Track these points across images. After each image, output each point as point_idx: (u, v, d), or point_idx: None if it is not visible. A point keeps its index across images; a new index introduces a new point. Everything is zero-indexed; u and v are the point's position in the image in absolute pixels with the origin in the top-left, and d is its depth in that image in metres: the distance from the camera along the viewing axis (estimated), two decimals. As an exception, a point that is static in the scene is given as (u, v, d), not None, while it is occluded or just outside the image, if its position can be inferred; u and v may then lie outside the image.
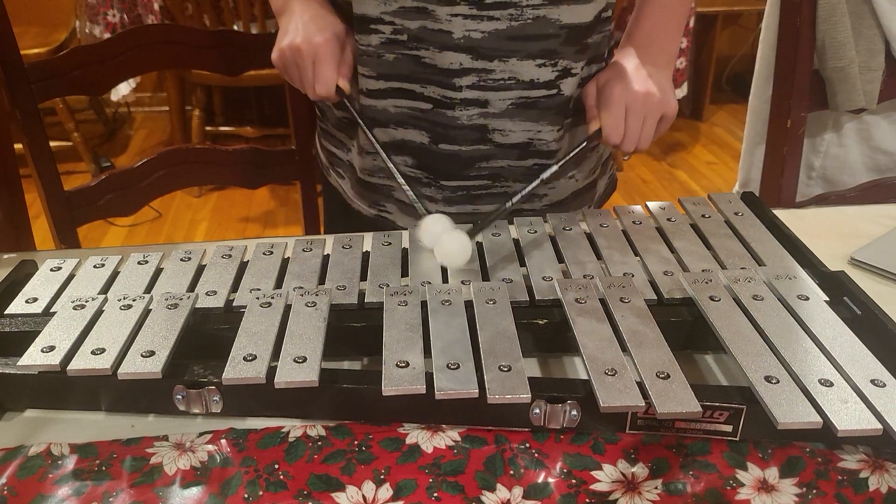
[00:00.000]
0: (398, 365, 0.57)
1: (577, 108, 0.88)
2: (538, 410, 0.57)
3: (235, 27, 2.44)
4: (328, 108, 0.97)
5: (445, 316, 0.63)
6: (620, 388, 0.54)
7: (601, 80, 0.83)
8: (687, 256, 0.74)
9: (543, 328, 0.65)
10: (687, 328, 0.65)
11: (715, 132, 3.39)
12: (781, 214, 0.82)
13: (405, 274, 0.72)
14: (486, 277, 0.72)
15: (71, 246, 1.09)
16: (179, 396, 0.59)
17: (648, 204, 0.83)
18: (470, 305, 0.64)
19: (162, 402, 0.60)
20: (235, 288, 0.70)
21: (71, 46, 1.08)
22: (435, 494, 0.53)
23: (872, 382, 0.55)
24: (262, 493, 0.53)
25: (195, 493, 0.54)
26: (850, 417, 0.52)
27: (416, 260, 0.74)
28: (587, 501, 0.53)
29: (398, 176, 0.82)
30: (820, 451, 0.56)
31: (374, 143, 0.83)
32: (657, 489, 0.54)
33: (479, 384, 0.55)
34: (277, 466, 0.56)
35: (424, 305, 0.64)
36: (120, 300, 0.65)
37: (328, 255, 0.75)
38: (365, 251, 0.75)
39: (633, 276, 0.70)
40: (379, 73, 0.84)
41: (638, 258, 0.74)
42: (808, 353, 0.58)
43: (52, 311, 0.67)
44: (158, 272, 0.73)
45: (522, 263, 0.74)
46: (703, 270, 0.71)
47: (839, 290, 0.68)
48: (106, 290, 0.70)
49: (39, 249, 0.92)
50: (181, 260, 0.74)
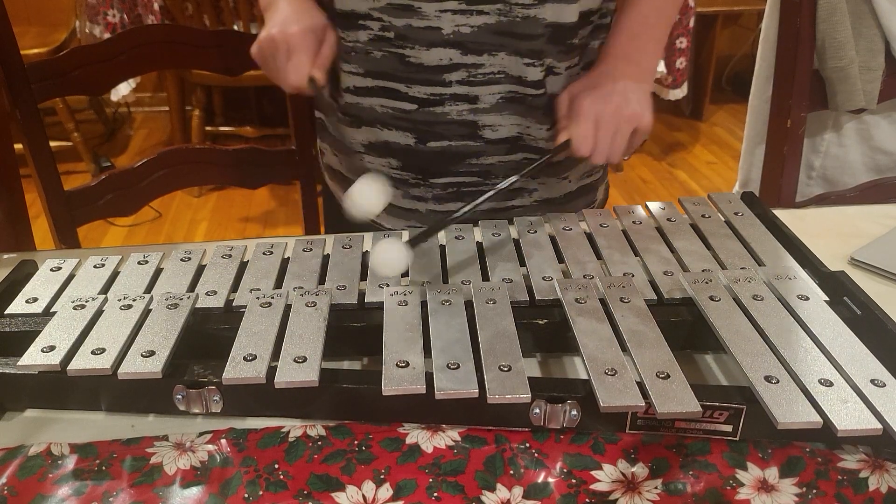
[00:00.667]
0: (398, 365, 0.57)
1: None
2: (538, 410, 0.57)
3: (235, 27, 2.44)
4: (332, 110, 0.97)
5: (445, 316, 0.63)
6: (620, 387, 0.54)
7: (574, 90, 0.83)
8: (687, 256, 0.74)
9: (543, 328, 0.65)
10: (687, 328, 0.65)
11: (715, 132, 3.39)
12: (781, 214, 0.82)
13: (405, 274, 0.72)
14: (486, 277, 0.72)
15: (71, 246, 1.09)
16: (179, 396, 0.59)
17: (648, 204, 0.83)
18: (470, 305, 0.64)
19: (162, 401, 0.60)
20: (235, 288, 0.70)
21: (71, 46, 1.08)
22: (435, 494, 0.53)
23: (872, 382, 0.55)
24: (262, 492, 0.53)
25: (195, 492, 0.54)
26: (849, 417, 0.52)
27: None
28: (587, 501, 0.53)
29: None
30: (820, 451, 0.56)
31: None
32: (657, 489, 0.54)
33: (479, 384, 0.55)
34: (277, 466, 0.56)
35: (424, 305, 0.64)
36: (120, 300, 0.65)
37: (328, 255, 0.75)
38: (365, 251, 0.75)
39: (633, 276, 0.70)
40: (366, 70, 0.85)
41: (638, 258, 0.74)
42: (808, 352, 0.58)
43: (52, 311, 0.67)
44: (158, 272, 0.73)
45: (522, 263, 0.74)
46: (703, 270, 0.71)
47: (839, 290, 0.68)
48: (106, 290, 0.70)
49: (39, 249, 0.92)
50: (181, 260, 0.74)
